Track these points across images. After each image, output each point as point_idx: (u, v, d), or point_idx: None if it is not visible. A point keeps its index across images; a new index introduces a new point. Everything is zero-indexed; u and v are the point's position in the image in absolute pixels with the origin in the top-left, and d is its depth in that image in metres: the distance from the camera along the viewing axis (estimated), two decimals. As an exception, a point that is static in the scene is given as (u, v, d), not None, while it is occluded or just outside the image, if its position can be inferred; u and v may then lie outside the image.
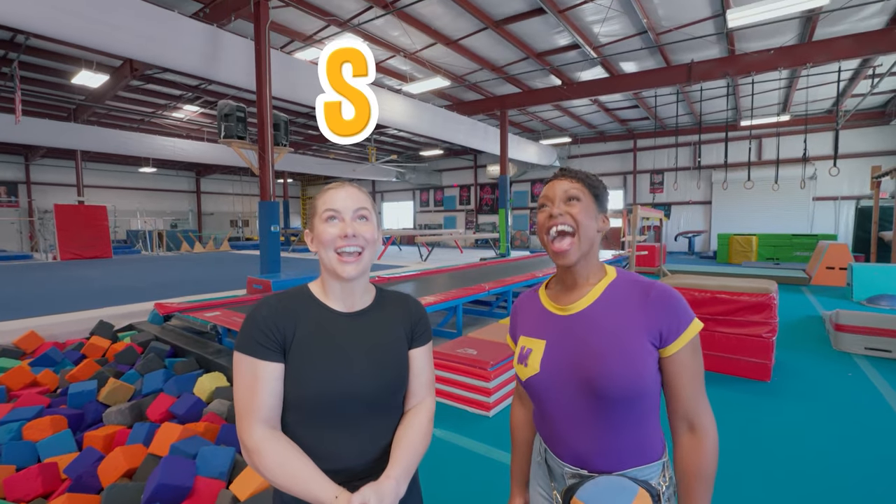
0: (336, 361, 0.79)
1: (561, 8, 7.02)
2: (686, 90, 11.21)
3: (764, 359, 3.08)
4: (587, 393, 0.77)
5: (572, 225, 0.80)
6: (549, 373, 0.81)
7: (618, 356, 0.75)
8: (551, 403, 0.82)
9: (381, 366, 0.83)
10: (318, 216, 0.82)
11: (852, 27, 7.63)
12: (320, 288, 0.86)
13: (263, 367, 0.75)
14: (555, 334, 0.84)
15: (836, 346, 3.88)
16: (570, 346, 0.81)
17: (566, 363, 0.80)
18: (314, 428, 0.78)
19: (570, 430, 0.80)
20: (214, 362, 3.47)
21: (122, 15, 5.51)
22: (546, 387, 0.82)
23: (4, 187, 16.87)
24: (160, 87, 10.73)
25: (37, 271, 9.51)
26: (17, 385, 3.31)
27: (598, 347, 0.77)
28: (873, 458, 2.13)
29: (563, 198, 0.82)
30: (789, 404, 2.76)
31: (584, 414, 0.78)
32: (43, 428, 2.64)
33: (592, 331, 0.79)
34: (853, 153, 13.02)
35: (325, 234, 0.80)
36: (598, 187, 0.86)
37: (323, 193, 0.84)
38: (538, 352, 0.84)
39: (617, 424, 0.77)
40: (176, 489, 1.95)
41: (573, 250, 0.80)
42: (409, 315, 0.91)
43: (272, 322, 0.77)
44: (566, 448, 0.82)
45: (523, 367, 0.86)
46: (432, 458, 2.15)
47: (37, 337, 4.16)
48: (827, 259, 7.57)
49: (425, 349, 0.92)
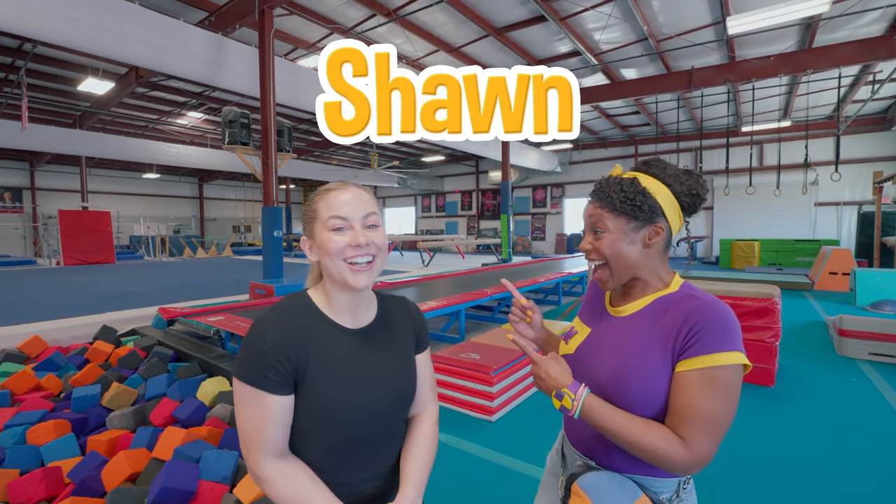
0: (358, 385, 0.74)
1: (562, 15, 7.08)
2: (687, 96, 11.27)
3: (767, 364, 3.07)
4: (609, 386, 0.77)
5: (602, 259, 0.81)
6: (579, 360, 0.85)
7: (637, 360, 0.75)
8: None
9: (400, 382, 0.80)
10: (320, 222, 0.74)
11: (852, 34, 7.67)
12: (323, 298, 0.78)
13: (272, 402, 0.68)
14: (599, 328, 0.87)
15: (840, 351, 3.86)
16: (605, 344, 0.83)
17: (596, 358, 0.82)
18: (328, 452, 0.74)
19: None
20: (217, 367, 3.48)
21: (129, 23, 5.58)
22: (575, 370, 0.82)
23: (9, 193, 16.98)
24: (165, 94, 10.83)
25: (40, 276, 9.56)
26: (21, 389, 3.32)
27: (625, 348, 0.78)
28: (880, 464, 2.11)
29: (589, 228, 0.83)
30: (793, 410, 2.74)
31: None
32: (46, 432, 2.64)
33: (628, 338, 0.79)
34: (855, 159, 13.03)
35: (332, 243, 0.72)
36: (633, 201, 0.77)
37: (324, 196, 0.76)
38: (581, 336, 0.89)
39: None
40: (180, 493, 1.95)
41: (608, 280, 0.82)
42: (412, 323, 0.89)
43: (280, 352, 0.69)
44: (581, 436, 0.84)
45: (565, 344, 0.92)
46: (435, 464, 2.15)
47: (40, 342, 4.17)
48: (830, 264, 7.55)
49: (426, 355, 0.90)
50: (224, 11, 6.63)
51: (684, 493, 0.77)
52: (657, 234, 0.79)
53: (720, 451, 1.30)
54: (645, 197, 0.78)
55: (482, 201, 20.86)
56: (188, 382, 3.27)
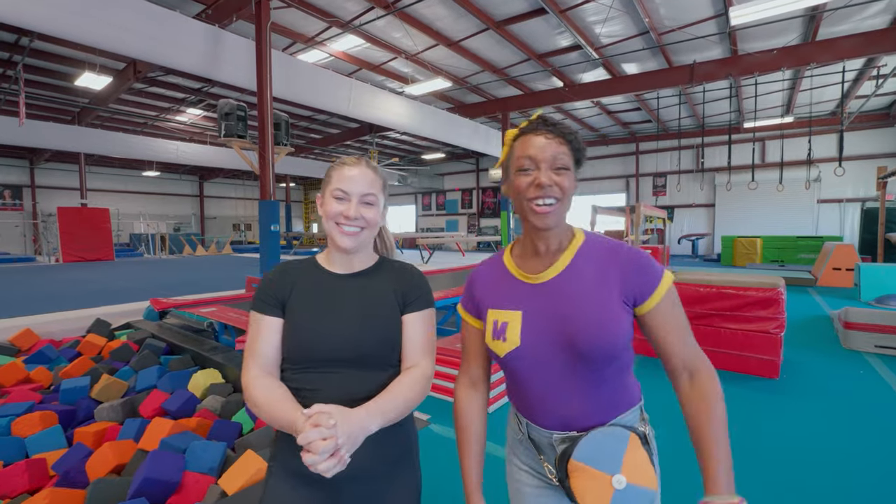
0: (324, 314, 0.87)
1: (562, 8, 7.00)
2: (688, 92, 11.17)
3: (772, 355, 2.99)
4: (571, 356, 0.76)
5: (559, 196, 0.76)
6: (531, 344, 0.79)
7: (596, 317, 0.75)
8: (534, 374, 0.80)
9: (366, 321, 0.87)
10: (329, 189, 0.88)
11: (856, 26, 7.58)
12: (325, 257, 0.95)
13: (263, 320, 0.87)
14: (531, 303, 0.80)
15: (846, 344, 3.79)
16: (548, 313, 0.78)
17: (547, 331, 0.78)
18: (305, 373, 0.85)
19: (555, 396, 0.79)
20: (210, 359, 3.41)
21: (125, 15, 5.53)
22: (529, 359, 0.79)
23: (9, 191, 16.97)
24: (163, 90, 10.78)
25: (38, 273, 9.52)
26: (10, 381, 3.27)
27: (576, 311, 0.76)
28: (889, 456, 2.04)
29: (551, 164, 0.75)
30: (799, 402, 2.67)
31: (568, 378, 0.78)
32: (32, 423, 2.59)
33: (569, 296, 0.78)
34: (858, 155, 12.93)
35: (331, 207, 0.87)
36: (581, 149, 0.80)
37: (339, 168, 0.89)
38: (515, 323, 0.80)
39: (600, 381, 0.77)
40: (163, 484, 1.88)
41: (555, 215, 0.76)
42: (402, 280, 0.94)
43: (274, 282, 0.89)
44: (552, 416, 0.80)
45: (501, 342, 0.81)
46: (429, 454, 2.08)
47: (32, 334, 4.12)
48: (833, 260, 7.46)
49: (421, 315, 0.92)
50: (221, 4, 6.57)
51: (645, 414, 0.84)
52: (574, 180, 0.79)
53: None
54: (584, 148, 0.80)
55: (482, 199, 20.79)
56: (180, 374, 3.20)
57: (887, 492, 1.76)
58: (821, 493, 1.76)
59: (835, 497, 1.74)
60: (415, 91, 9.27)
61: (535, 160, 0.75)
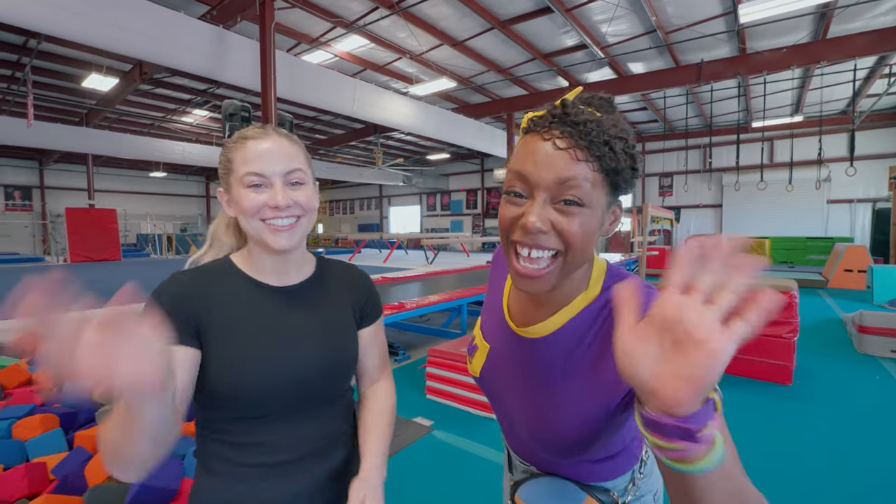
0: (271, 346, 0.65)
1: (568, 7, 6.94)
2: (696, 91, 11.05)
3: (785, 361, 2.92)
4: (531, 432, 0.60)
5: (560, 247, 0.48)
6: (488, 383, 0.68)
7: (571, 417, 0.54)
8: (496, 406, 0.69)
9: (326, 349, 0.69)
10: (235, 176, 0.64)
11: (868, 24, 7.44)
12: (247, 261, 0.69)
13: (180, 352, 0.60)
14: (500, 346, 0.64)
15: (861, 348, 3.70)
16: (513, 371, 0.62)
17: (507, 386, 0.63)
18: (246, 422, 0.64)
19: (513, 432, 0.68)
20: (212, 362, 3.39)
21: (130, 16, 5.55)
22: (487, 393, 0.69)
23: (19, 191, 17.16)
24: (169, 92, 10.83)
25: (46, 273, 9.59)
26: (13, 383, 3.26)
27: (545, 397, 0.56)
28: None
29: (554, 194, 0.46)
30: (813, 409, 2.60)
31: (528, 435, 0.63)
32: (33, 426, 2.57)
33: (548, 368, 0.57)
34: (869, 155, 12.72)
35: (248, 201, 0.62)
36: (623, 169, 0.48)
37: (240, 145, 0.64)
38: (482, 354, 0.68)
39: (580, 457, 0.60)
40: (160, 491, 1.85)
41: (550, 277, 0.49)
42: (356, 290, 0.77)
43: (179, 303, 0.62)
44: (517, 442, 0.69)
45: (469, 359, 0.71)
46: (436, 463, 2.04)
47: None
48: (845, 261, 7.33)
49: (376, 326, 0.79)
50: (226, 4, 6.57)
51: (640, 480, 0.65)
52: (616, 219, 0.52)
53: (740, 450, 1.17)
54: (631, 155, 0.48)
55: (487, 200, 20.74)
56: (182, 377, 3.19)
57: (909, 506, 1.69)
58: (836, 502, 1.70)
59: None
60: (419, 91, 9.23)
61: (530, 182, 0.47)
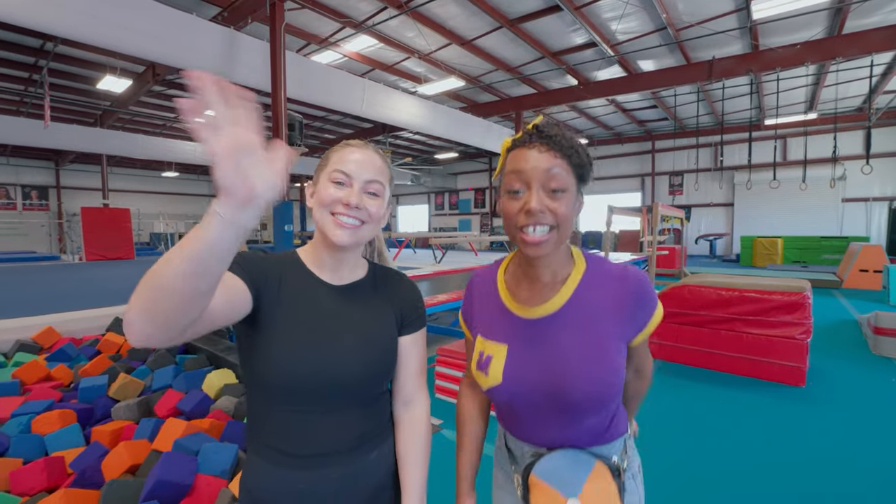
0: (319, 336, 0.70)
1: (577, 5, 6.90)
2: (707, 89, 10.91)
3: (798, 362, 2.88)
4: (556, 402, 0.71)
5: (554, 223, 0.66)
6: (513, 382, 0.73)
7: (591, 368, 0.68)
8: (516, 408, 0.76)
9: (367, 347, 0.73)
10: (325, 171, 0.73)
11: (885, 18, 7.29)
12: (310, 255, 0.77)
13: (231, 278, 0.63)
14: (518, 339, 0.74)
15: (876, 350, 3.63)
16: (536, 354, 0.72)
17: (532, 374, 0.71)
18: (286, 410, 0.69)
19: (533, 425, 0.76)
20: (224, 359, 3.45)
21: (144, 19, 5.66)
22: (510, 397, 0.74)
23: (36, 191, 17.51)
24: (181, 92, 10.97)
25: (62, 271, 9.78)
26: (32, 379, 3.34)
27: (569, 360, 0.69)
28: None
29: (545, 185, 0.65)
30: (827, 411, 2.56)
31: (549, 417, 0.73)
32: (51, 422, 2.63)
33: (563, 340, 0.70)
34: (886, 152, 12.47)
35: (326, 193, 0.69)
36: (585, 164, 0.69)
37: (340, 149, 0.75)
38: (500, 359, 0.74)
39: (583, 421, 0.73)
40: (175, 486, 1.89)
41: (549, 244, 0.67)
42: (401, 295, 0.81)
43: (262, 263, 0.70)
44: (531, 437, 0.78)
45: (483, 375, 0.75)
46: (445, 461, 2.05)
47: (54, 333, 4.21)
48: (860, 261, 7.20)
49: (417, 336, 0.82)
50: (237, 6, 6.65)
51: (630, 450, 0.80)
52: (581, 203, 0.71)
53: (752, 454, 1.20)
54: (590, 162, 0.70)
55: (495, 199, 20.65)
56: (194, 374, 3.24)
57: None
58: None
59: (867, 515, 1.65)
60: (428, 91, 9.24)
61: (525, 180, 0.65)
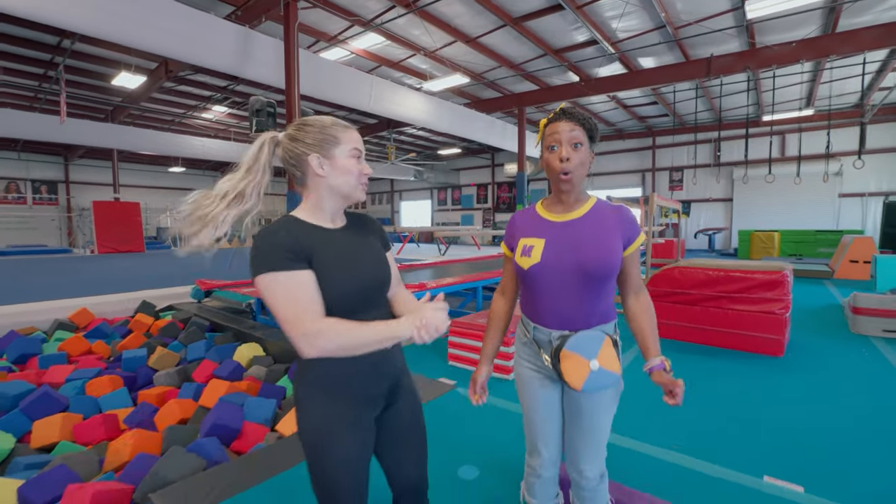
0: (349, 263, 0.95)
1: (579, 4, 7.13)
2: (706, 85, 11.14)
3: (777, 334, 3.15)
4: (578, 273, 1.08)
5: (575, 167, 1.09)
6: (548, 261, 1.11)
7: (602, 249, 1.08)
8: (547, 285, 1.12)
9: (378, 262, 1.03)
10: (342, 148, 0.95)
11: (877, 17, 7.51)
12: (308, 213, 0.98)
13: (300, 274, 0.86)
14: (552, 234, 1.14)
15: (854, 329, 3.90)
16: (565, 242, 1.12)
17: (561, 254, 1.11)
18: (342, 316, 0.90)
19: (559, 303, 1.12)
20: (251, 335, 3.72)
21: (162, 17, 5.87)
22: (544, 272, 1.12)
23: (45, 186, 17.81)
24: (191, 88, 11.23)
25: (79, 263, 10.09)
26: (76, 352, 3.63)
27: (587, 243, 1.09)
28: (883, 426, 2.21)
29: (569, 142, 1.08)
30: (800, 377, 2.83)
31: (571, 290, 1.10)
32: (103, 385, 2.93)
33: (583, 233, 1.11)
34: (882, 148, 12.68)
35: (354, 168, 0.97)
36: (594, 130, 1.12)
37: (345, 130, 0.98)
38: (539, 247, 1.13)
39: (594, 296, 1.11)
40: (228, 429, 2.18)
41: (573, 180, 1.11)
42: (375, 227, 1.12)
43: (295, 241, 0.89)
44: (554, 318, 1.13)
45: (527, 258, 1.13)
46: (460, 413, 2.34)
47: (88, 313, 4.50)
48: (851, 252, 7.46)
49: (391, 252, 1.13)
50: (250, 5, 6.89)
51: (617, 327, 1.18)
52: (593, 158, 1.13)
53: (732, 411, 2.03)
54: (597, 131, 1.13)
55: (497, 194, 20.94)
56: (225, 347, 3.53)
57: (882, 459, 1.94)
58: (818, 459, 1.95)
59: (831, 462, 1.92)
60: (433, 87, 9.49)
61: (558, 139, 1.09)
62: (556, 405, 1.21)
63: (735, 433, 2.10)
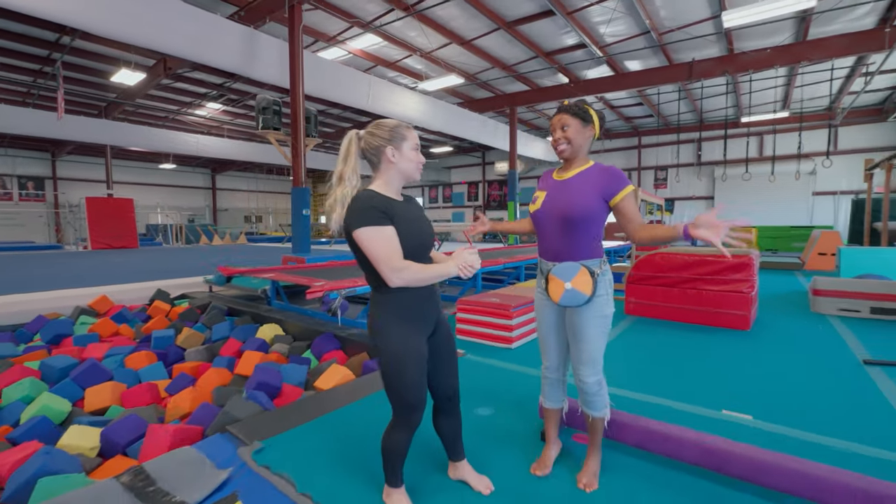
0: (416, 225, 1.31)
1: (569, 9, 7.53)
2: (688, 87, 11.67)
3: (744, 310, 3.57)
4: (561, 218, 1.46)
5: (566, 140, 1.48)
6: (545, 208, 1.52)
7: (579, 199, 1.44)
8: (543, 227, 1.53)
9: (429, 227, 1.38)
10: (409, 143, 1.31)
11: (845, 27, 8.08)
12: (383, 188, 1.31)
13: (390, 230, 1.21)
14: (552, 189, 1.54)
15: (814, 308, 4.36)
16: (557, 194, 1.50)
17: (553, 203, 1.49)
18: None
19: (551, 241, 1.51)
20: (267, 317, 4.00)
21: (167, 15, 6.05)
22: (541, 217, 1.53)
23: (32, 182, 17.63)
24: (187, 86, 11.35)
25: (76, 258, 10.15)
26: (106, 333, 3.88)
27: (571, 195, 1.46)
28: (832, 384, 2.62)
29: (559, 126, 1.50)
30: (763, 346, 3.25)
31: (559, 231, 1.48)
32: (140, 360, 3.20)
33: (571, 188, 1.48)
34: (852, 149, 13.42)
35: (418, 158, 1.34)
36: (581, 112, 1.47)
37: (409, 130, 1.33)
38: (542, 198, 1.55)
39: (577, 236, 1.46)
40: (270, 387, 2.49)
41: (567, 152, 1.50)
42: (419, 205, 1.44)
43: (384, 205, 1.24)
44: (549, 252, 1.53)
45: (534, 205, 1.57)
46: (471, 374, 2.69)
47: (108, 300, 4.72)
48: (819, 246, 8.02)
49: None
50: (254, 6, 7.13)
51: (604, 266, 1.48)
52: (592, 130, 1.50)
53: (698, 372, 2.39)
54: (586, 112, 1.49)
55: (488, 192, 21.34)
56: (246, 328, 3.81)
57: (830, 410, 2.34)
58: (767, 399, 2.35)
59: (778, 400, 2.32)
60: (428, 87, 9.81)
61: (554, 127, 1.52)
62: (556, 322, 1.56)
63: (704, 384, 2.49)
